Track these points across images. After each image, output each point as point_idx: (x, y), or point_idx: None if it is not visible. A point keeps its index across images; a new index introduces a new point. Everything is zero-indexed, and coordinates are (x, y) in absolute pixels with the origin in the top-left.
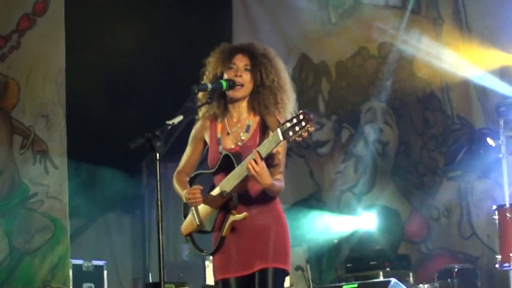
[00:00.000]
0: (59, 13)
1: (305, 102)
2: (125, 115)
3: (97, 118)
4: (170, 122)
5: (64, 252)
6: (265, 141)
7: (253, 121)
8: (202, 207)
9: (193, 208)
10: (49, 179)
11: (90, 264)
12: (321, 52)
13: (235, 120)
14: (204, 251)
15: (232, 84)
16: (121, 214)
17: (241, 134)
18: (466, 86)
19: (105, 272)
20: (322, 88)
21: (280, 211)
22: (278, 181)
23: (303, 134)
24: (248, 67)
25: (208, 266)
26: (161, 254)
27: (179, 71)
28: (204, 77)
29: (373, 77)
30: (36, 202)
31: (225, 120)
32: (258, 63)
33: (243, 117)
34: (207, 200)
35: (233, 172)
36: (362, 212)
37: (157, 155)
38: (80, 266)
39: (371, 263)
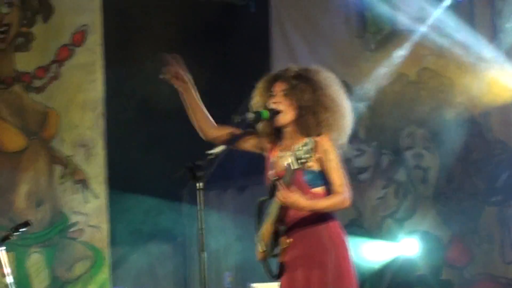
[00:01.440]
0: (98, 42)
1: None
2: (166, 144)
3: (137, 147)
4: (211, 152)
5: (104, 281)
6: (283, 175)
7: None
8: (265, 229)
9: (258, 235)
10: (89, 208)
11: None
12: (360, 78)
13: (296, 139)
14: (275, 275)
15: (273, 112)
16: (163, 242)
17: (287, 159)
18: (506, 110)
19: None
20: (362, 114)
21: (337, 233)
22: (330, 198)
23: (309, 158)
24: (285, 92)
25: None
26: (204, 283)
27: (219, 101)
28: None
29: (413, 102)
30: (77, 231)
31: (281, 145)
32: (293, 85)
33: (296, 142)
34: (268, 220)
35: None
36: (403, 238)
37: (199, 184)
38: None
39: None
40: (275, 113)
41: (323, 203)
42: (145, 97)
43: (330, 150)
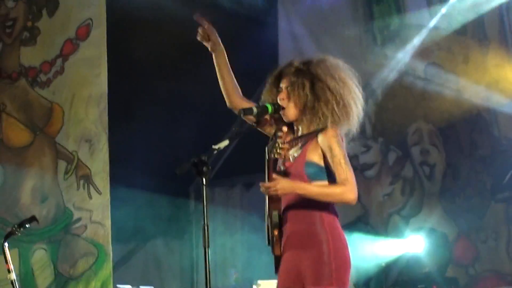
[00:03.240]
0: (102, 37)
1: None
2: (170, 139)
3: (141, 142)
4: (216, 146)
5: (107, 277)
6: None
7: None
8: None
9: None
10: (93, 204)
11: None
12: (367, 74)
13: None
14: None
15: (277, 107)
16: (169, 239)
17: (295, 151)
18: None
19: None
20: (369, 110)
21: (332, 226)
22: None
23: (279, 147)
24: (288, 89)
25: None
26: (208, 279)
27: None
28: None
29: (420, 98)
30: (80, 227)
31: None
32: (292, 82)
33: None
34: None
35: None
36: (410, 235)
37: (204, 180)
38: None
39: (420, 286)
40: (279, 108)
41: (320, 188)
42: (149, 92)
43: (334, 146)
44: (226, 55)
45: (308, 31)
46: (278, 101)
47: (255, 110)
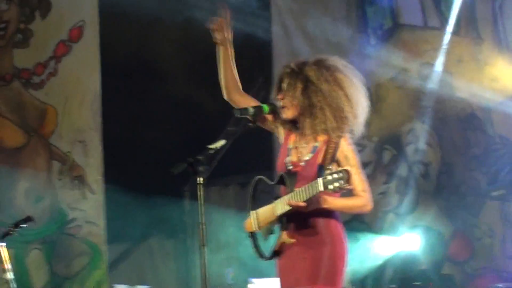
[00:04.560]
0: (94, 38)
1: None
2: (164, 139)
3: (136, 143)
4: (212, 146)
5: (101, 277)
6: (304, 187)
7: (320, 141)
8: (263, 214)
9: (252, 212)
10: (87, 204)
11: None
12: (361, 74)
13: (307, 136)
14: (263, 256)
15: (273, 107)
16: (165, 239)
17: (306, 155)
18: (507, 105)
19: None
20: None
21: (337, 231)
22: (351, 199)
23: (341, 189)
24: (284, 90)
25: None
26: (205, 278)
27: (220, 96)
28: None
29: (414, 98)
30: (75, 227)
31: (298, 133)
32: (287, 83)
33: (315, 136)
34: (270, 207)
35: (285, 196)
36: (405, 233)
37: (200, 179)
38: None
39: (415, 283)
40: (275, 108)
41: (343, 202)
42: (143, 92)
43: (351, 156)
44: (232, 53)
45: (301, 31)
46: (279, 102)
47: (251, 110)
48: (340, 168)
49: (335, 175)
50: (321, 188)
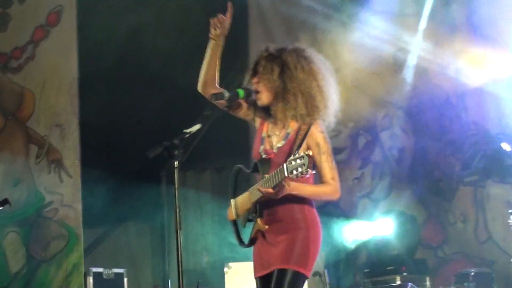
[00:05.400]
0: (72, 23)
1: None
2: (140, 123)
3: (113, 127)
4: (188, 130)
5: (78, 259)
6: (272, 173)
7: (292, 128)
8: (240, 202)
9: (232, 200)
10: (64, 188)
11: (110, 272)
12: (336, 60)
13: (279, 123)
14: (243, 243)
15: (248, 92)
16: (141, 222)
17: (279, 142)
18: (481, 92)
19: (125, 279)
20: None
21: (310, 216)
22: (320, 186)
23: (303, 174)
24: (260, 73)
25: (227, 272)
26: (180, 261)
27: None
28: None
29: (389, 84)
30: (52, 210)
31: (271, 121)
32: (263, 66)
33: (285, 122)
34: (247, 195)
35: (257, 184)
36: (379, 217)
37: (176, 163)
38: (100, 274)
39: (388, 268)
40: (251, 92)
41: (312, 188)
42: (120, 77)
43: (322, 144)
44: (221, 51)
45: (278, 15)
46: (254, 86)
47: (226, 95)
48: (301, 153)
49: (298, 161)
50: (286, 174)
